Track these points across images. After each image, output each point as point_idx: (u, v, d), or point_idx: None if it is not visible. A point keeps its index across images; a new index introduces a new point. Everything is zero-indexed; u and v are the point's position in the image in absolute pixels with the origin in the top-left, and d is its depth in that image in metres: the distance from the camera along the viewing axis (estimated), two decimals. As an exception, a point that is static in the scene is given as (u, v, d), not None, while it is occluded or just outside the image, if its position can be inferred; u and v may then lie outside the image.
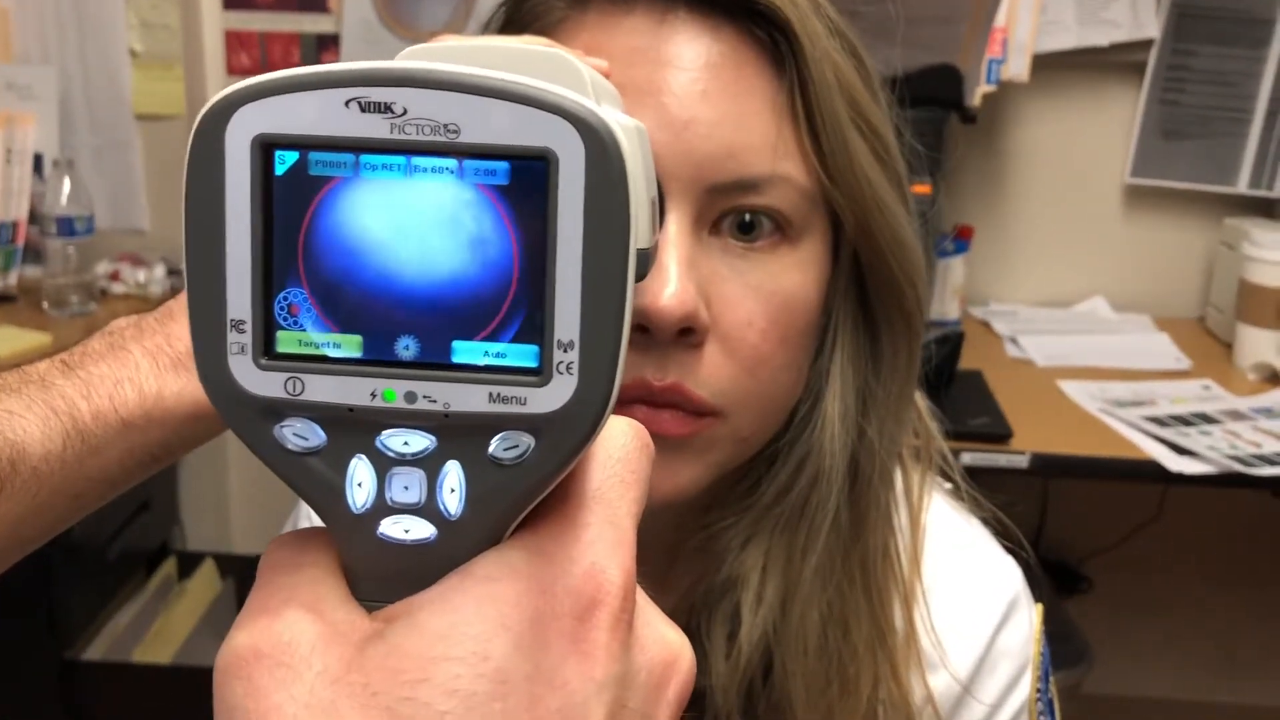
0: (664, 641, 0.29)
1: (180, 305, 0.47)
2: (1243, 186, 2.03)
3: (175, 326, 0.46)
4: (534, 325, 0.27)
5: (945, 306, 1.91)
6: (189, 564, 2.06)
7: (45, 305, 1.83)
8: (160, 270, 1.96)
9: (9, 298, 1.89)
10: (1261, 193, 2.03)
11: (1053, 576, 2.09)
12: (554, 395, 0.27)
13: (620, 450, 0.30)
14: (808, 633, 0.63)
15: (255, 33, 2.02)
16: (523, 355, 0.27)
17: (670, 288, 0.53)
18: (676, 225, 0.55)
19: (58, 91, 1.98)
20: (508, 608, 0.27)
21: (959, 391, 1.61)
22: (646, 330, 0.55)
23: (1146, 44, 1.99)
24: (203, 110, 0.27)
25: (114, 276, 1.93)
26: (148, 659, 1.87)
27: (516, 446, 0.27)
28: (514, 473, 0.28)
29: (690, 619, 0.65)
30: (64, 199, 1.82)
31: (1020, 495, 0.75)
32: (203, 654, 1.94)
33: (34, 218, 1.91)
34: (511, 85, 0.26)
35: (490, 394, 0.27)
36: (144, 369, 0.44)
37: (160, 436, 0.45)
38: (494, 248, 0.27)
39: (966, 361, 1.70)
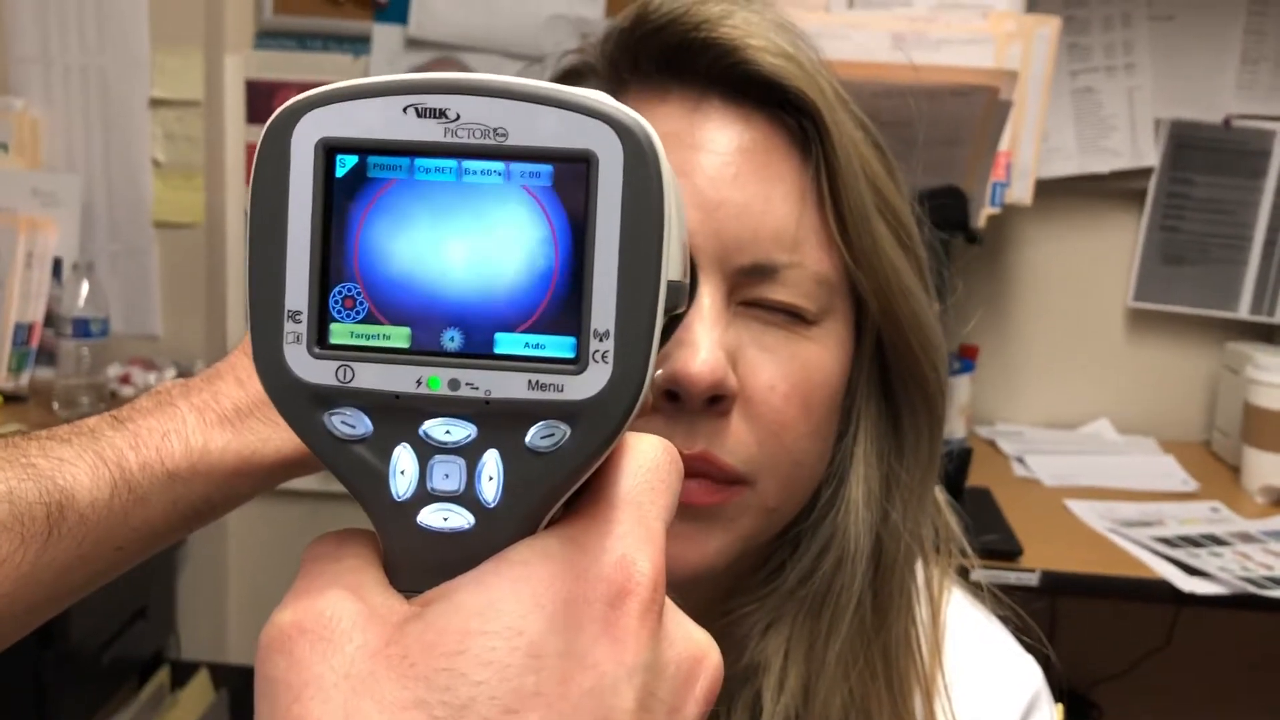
0: (692, 639, 0.30)
1: (227, 366, 0.48)
2: (1244, 312, 2.06)
3: (222, 385, 0.47)
4: (572, 318, 0.28)
5: (951, 425, 1.92)
6: (183, 674, 2.02)
7: (55, 406, 1.83)
8: (171, 374, 1.97)
9: (20, 398, 1.90)
10: (1263, 318, 2.06)
11: (1062, 703, 2.05)
12: (590, 383, 0.28)
13: (650, 461, 0.31)
14: (830, 721, 0.62)
15: (277, 146, 2.07)
16: (561, 346, 0.28)
17: (702, 354, 0.55)
18: (709, 299, 0.57)
19: (81, 198, 2.02)
20: (541, 588, 0.28)
21: (968, 508, 1.60)
22: (677, 398, 0.56)
23: (1146, 172, 2.04)
24: (273, 115, 0.28)
25: (124, 379, 1.94)
26: (136, 771, 1.82)
27: (553, 435, 0.29)
28: (550, 461, 0.29)
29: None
30: (81, 302, 1.84)
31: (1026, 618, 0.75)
32: (192, 767, 1.89)
33: (49, 320, 1.94)
34: (556, 92, 0.28)
35: (529, 381, 0.28)
36: (190, 423, 0.45)
37: (204, 490, 0.45)
38: (537, 245, 0.28)
39: (974, 479, 1.70)
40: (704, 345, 0.55)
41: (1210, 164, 2.03)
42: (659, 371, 0.56)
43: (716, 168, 0.58)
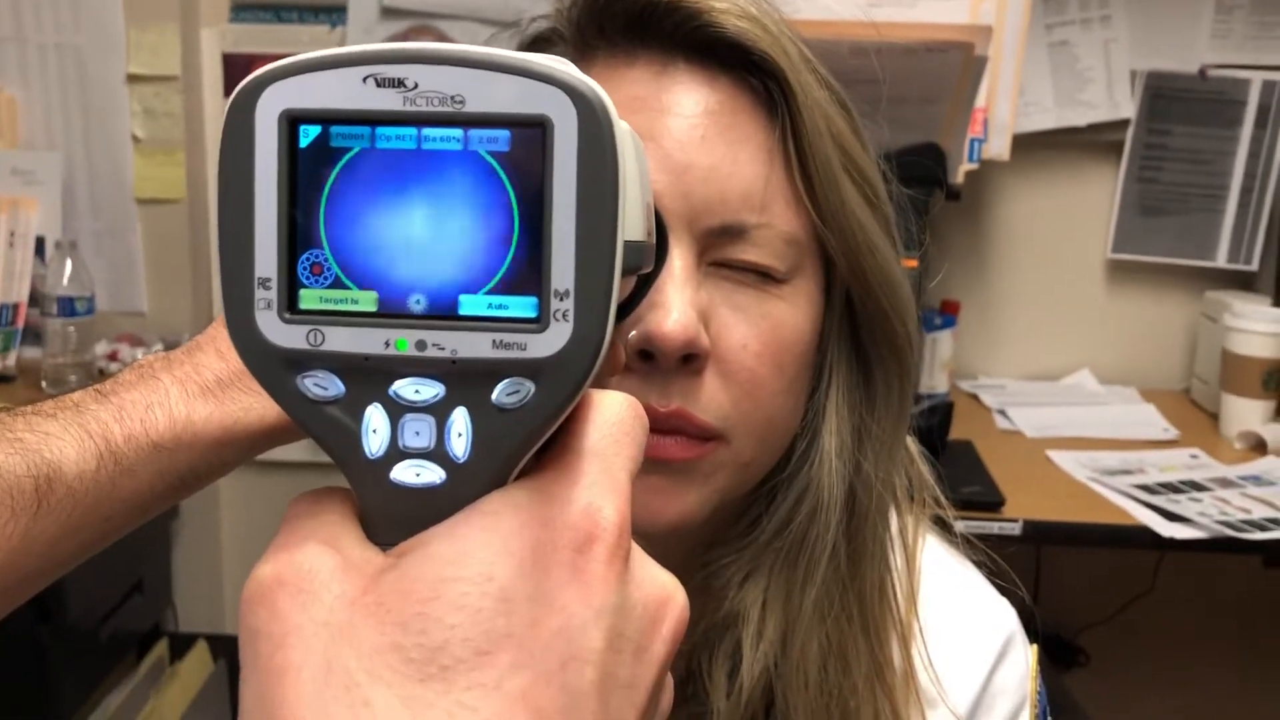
0: (658, 582, 0.31)
1: (207, 338, 0.49)
2: (1221, 260, 2.08)
3: (202, 356, 0.48)
4: (533, 278, 0.29)
5: (934, 379, 1.94)
6: (181, 645, 2.04)
7: (44, 385, 1.84)
8: (158, 350, 1.97)
9: (8, 378, 1.90)
10: (1240, 266, 2.07)
11: (1049, 649, 2.08)
12: (552, 340, 0.29)
13: (615, 415, 0.32)
14: (808, 667, 0.64)
15: (256, 119, 2.07)
16: (523, 306, 0.30)
17: (674, 314, 0.56)
18: (680, 260, 0.58)
19: (61, 176, 2.02)
20: (511, 536, 0.29)
21: (950, 461, 1.63)
22: (651, 357, 0.57)
23: (1123, 124, 2.05)
24: (236, 89, 0.29)
25: (112, 356, 1.95)
26: (138, 742, 1.84)
27: (518, 392, 0.30)
28: (516, 416, 0.30)
29: (691, 659, 0.65)
30: (65, 280, 1.84)
31: (1012, 568, 0.77)
32: (194, 737, 1.92)
33: (34, 299, 1.94)
34: (511, 59, 0.29)
35: (494, 340, 0.29)
36: (173, 395, 0.46)
37: (188, 460, 0.46)
38: (496, 209, 0.29)
39: (957, 432, 1.72)
40: (676, 305, 0.56)
41: (1187, 114, 2.04)
42: (633, 332, 0.57)
43: (684, 130, 0.59)
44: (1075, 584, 2.07)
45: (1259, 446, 1.78)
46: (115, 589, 1.87)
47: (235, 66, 2.06)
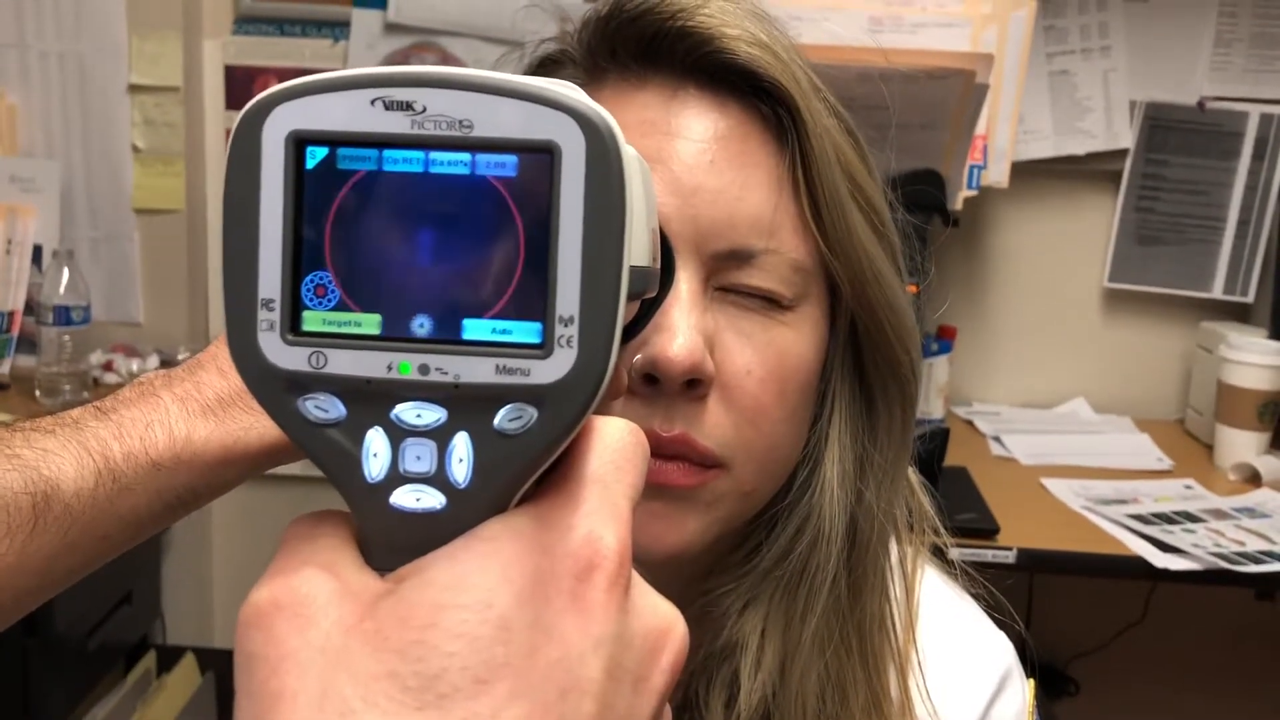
0: (658, 611, 0.31)
1: (208, 356, 0.49)
2: (1217, 291, 2.09)
3: (204, 374, 0.48)
4: (538, 304, 0.29)
5: (930, 405, 1.94)
6: (169, 658, 2.03)
7: (38, 393, 1.83)
8: (154, 361, 1.97)
9: (1, 386, 1.89)
10: (1236, 298, 2.08)
11: (1039, 679, 2.07)
12: (555, 367, 0.29)
13: (616, 441, 0.32)
14: (806, 697, 0.63)
15: (256, 132, 2.07)
16: (527, 331, 0.29)
17: (679, 338, 0.56)
18: (686, 284, 0.58)
19: (60, 184, 2.01)
20: (511, 563, 0.29)
21: (946, 487, 1.62)
22: (655, 381, 0.57)
23: (1121, 154, 2.06)
24: (244, 109, 0.29)
25: (107, 366, 1.94)
26: (123, 755, 1.83)
27: (520, 418, 0.29)
28: (518, 443, 0.30)
29: (688, 687, 0.65)
30: (61, 289, 1.84)
31: (1005, 597, 0.77)
32: (179, 751, 1.90)
33: (30, 307, 1.93)
34: (520, 85, 0.29)
35: (497, 366, 0.29)
36: (174, 413, 0.46)
37: (187, 479, 0.46)
38: (502, 234, 0.29)
39: (952, 458, 1.72)
40: (681, 329, 0.56)
41: (1185, 145, 2.05)
42: (638, 356, 0.57)
43: (693, 154, 0.59)
44: (1066, 613, 2.07)
45: (1253, 478, 1.79)
46: (104, 600, 1.86)
47: (237, 78, 2.07)
